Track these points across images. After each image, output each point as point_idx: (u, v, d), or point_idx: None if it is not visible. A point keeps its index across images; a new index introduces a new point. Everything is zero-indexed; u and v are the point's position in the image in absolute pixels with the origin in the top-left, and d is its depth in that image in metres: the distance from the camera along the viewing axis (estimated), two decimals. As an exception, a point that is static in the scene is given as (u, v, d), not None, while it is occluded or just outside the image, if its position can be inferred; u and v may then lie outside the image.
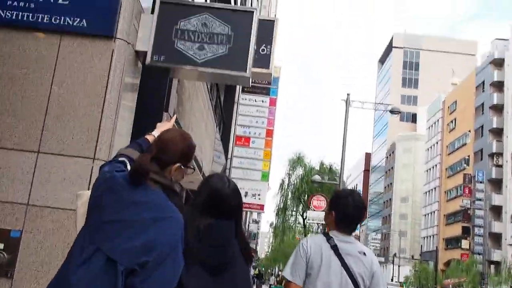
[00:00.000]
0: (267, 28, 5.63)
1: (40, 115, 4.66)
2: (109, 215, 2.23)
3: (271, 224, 50.22)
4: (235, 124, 16.58)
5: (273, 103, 17.45)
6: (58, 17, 4.74)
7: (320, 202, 31.73)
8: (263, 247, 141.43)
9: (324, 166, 44.29)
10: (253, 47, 5.02)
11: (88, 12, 4.74)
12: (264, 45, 5.55)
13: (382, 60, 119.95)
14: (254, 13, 5.08)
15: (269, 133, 17.68)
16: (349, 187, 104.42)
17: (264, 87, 17.24)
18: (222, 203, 2.52)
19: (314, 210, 31.76)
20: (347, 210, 3.29)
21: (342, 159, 25.71)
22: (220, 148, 14.52)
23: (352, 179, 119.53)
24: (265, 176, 18.20)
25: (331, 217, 3.35)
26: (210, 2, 7.83)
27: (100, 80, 4.72)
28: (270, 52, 5.56)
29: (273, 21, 5.78)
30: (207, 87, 9.13)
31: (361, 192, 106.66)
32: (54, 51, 4.75)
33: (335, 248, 3.19)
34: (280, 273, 29.72)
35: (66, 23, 4.73)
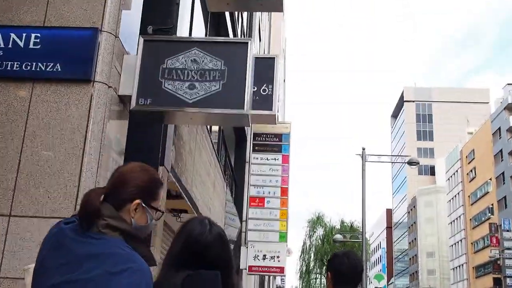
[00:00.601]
0: (267, 65, 5.09)
1: (11, 174, 4.07)
2: (54, 278, 1.72)
3: None
4: (248, 185, 16.03)
5: (286, 160, 16.87)
6: (30, 63, 4.23)
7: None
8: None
9: (345, 224, 43.04)
10: (250, 81, 4.44)
11: (62, 55, 4.23)
12: (265, 84, 5.00)
13: (394, 115, 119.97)
14: (249, 43, 4.53)
15: (284, 192, 17.01)
16: (373, 246, 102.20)
17: (276, 144, 16.76)
18: (201, 253, 1.98)
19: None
20: (342, 270, 3.27)
21: (363, 216, 24.89)
22: (234, 210, 13.87)
23: (375, 237, 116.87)
24: (283, 237, 17.42)
25: (329, 279, 3.36)
26: (200, 36, 7.35)
27: (79, 130, 4.14)
28: (272, 92, 5.00)
29: (273, 58, 5.25)
30: (212, 145, 8.58)
31: (386, 250, 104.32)
32: (25, 101, 4.21)
33: None
34: None
35: (38, 69, 4.22)
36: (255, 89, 4.89)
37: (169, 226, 6.68)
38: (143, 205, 1.87)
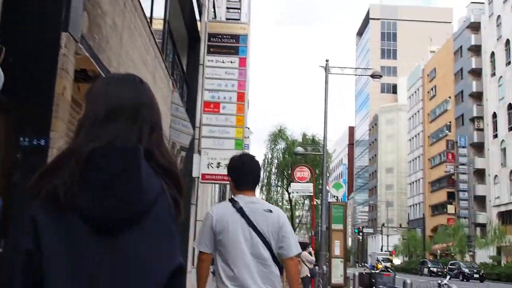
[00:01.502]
0: None
1: None
2: None
3: None
4: (202, 89, 15.57)
5: (243, 63, 16.30)
6: None
7: (303, 173, 30.85)
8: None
9: (307, 137, 42.99)
10: None
11: None
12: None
13: (360, 33, 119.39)
14: None
15: (241, 97, 16.53)
16: (335, 162, 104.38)
17: (232, 46, 16.13)
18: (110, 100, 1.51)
19: (299, 182, 30.93)
20: (240, 170, 3.44)
21: (324, 128, 24.96)
22: (185, 116, 13.40)
23: (337, 154, 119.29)
24: (239, 145, 17.20)
25: (231, 182, 3.48)
26: None
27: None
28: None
29: None
30: (151, 31, 7.92)
31: (347, 166, 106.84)
32: None
33: (240, 210, 3.28)
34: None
35: None
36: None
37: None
38: None
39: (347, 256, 15.17)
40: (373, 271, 10.94)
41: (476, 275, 41.91)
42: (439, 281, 11.16)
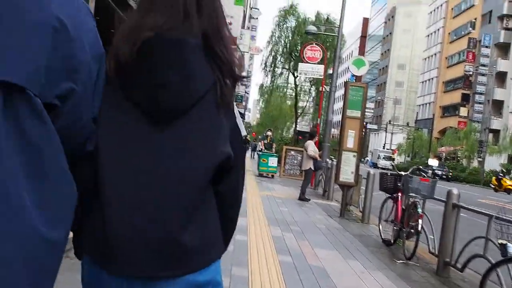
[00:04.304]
0: None
1: None
2: None
3: (260, 87, 45.32)
4: None
5: None
6: None
7: (315, 52, 27.20)
8: (254, 115, 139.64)
9: (321, 15, 38.31)
10: None
11: None
12: None
13: None
14: None
15: None
16: (344, 55, 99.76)
17: None
18: None
19: (308, 63, 27.27)
20: None
21: (343, 3, 20.93)
22: None
23: (348, 46, 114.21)
24: (239, 0, 13.59)
25: None
26: None
27: None
28: None
29: None
30: None
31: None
32: None
33: None
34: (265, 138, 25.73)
35: None
36: None
37: None
38: None
39: (361, 149, 11.48)
40: (403, 173, 7.60)
41: (444, 176, 45.85)
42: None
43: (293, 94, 43.13)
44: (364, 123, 65.74)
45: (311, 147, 13.84)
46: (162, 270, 1.34)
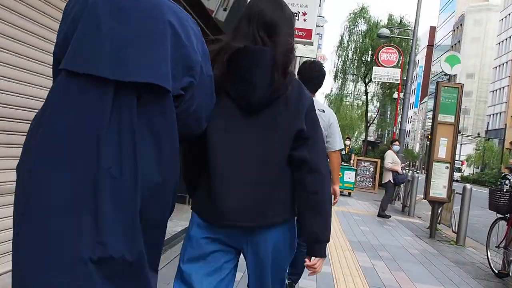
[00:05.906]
0: None
1: None
2: None
3: (326, 96, 44.49)
4: None
5: None
6: None
7: (390, 55, 26.84)
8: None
9: (393, 18, 36.90)
10: None
11: None
12: None
13: None
14: None
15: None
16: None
17: None
18: (254, 16, 2.02)
19: (383, 66, 26.75)
20: (302, 73, 4.11)
21: (418, 2, 20.62)
22: None
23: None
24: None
25: None
26: None
27: None
28: None
29: None
30: None
31: (423, 69, 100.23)
32: None
33: None
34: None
35: None
36: None
37: None
38: None
39: (454, 160, 10.40)
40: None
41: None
42: None
43: (361, 102, 42.14)
44: (429, 135, 63.23)
45: (388, 158, 12.76)
46: (252, 222, 1.93)
